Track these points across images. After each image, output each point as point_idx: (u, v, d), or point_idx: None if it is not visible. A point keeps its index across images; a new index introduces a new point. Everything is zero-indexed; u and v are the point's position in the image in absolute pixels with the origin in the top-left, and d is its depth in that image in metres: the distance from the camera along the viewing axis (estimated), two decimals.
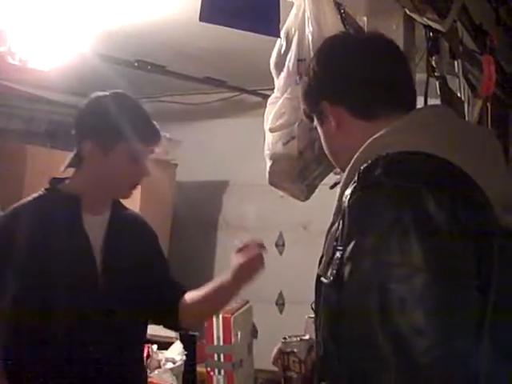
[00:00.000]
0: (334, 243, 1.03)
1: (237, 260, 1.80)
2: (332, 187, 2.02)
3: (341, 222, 1.02)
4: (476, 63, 2.32)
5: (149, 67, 3.39)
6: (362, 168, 1.02)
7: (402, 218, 0.92)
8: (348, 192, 1.02)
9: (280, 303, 4.18)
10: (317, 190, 1.93)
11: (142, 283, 1.80)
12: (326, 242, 1.10)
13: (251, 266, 1.79)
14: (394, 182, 0.96)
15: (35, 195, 1.78)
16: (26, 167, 3.34)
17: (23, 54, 2.49)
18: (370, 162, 1.02)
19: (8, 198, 2.82)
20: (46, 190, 1.79)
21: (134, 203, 2.99)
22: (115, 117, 1.73)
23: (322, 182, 1.94)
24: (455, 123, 1.17)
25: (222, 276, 1.84)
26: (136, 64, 3.32)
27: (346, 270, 0.97)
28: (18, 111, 3.57)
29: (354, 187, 1.01)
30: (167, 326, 2.06)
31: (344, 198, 1.02)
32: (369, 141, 1.08)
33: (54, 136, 3.67)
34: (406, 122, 1.11)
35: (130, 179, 1.77)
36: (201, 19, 1.34)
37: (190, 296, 1.88)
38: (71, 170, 1.83)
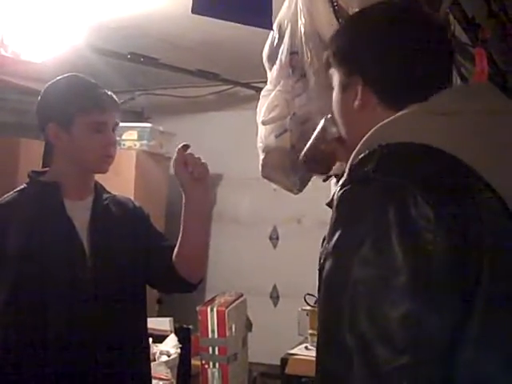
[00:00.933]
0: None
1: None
2: (325, 180, 2.03)
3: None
4: (468, 56, 2.33)
5: (141, 59, 3.39)
6: (357, 159, 0.99)
7: (385, 218, 0.89)
8: (340, 183, 0.99)
9: (274, 296, 4.19)
10: (310, 184, 1.94)
11: (135, 259, 1.81)
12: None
13: (188, 166, 1.74)
14: (382, 178, 0.93)
15: (17, 189, 1.81)
16: (19, 160, 3.34)
17: (16, 47, 2.48)
18: (367, 152, 0.98)
19: (1, 190, 2.81)
20: (26, 183, 1.82)
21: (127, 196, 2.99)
22: (65, 94, 1.77)
23: (316, 176, 1.94)
24: (489, 107, 1.02)
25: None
26: (129, 56, 3.31)
27: (326, 265, 0.95)
28: (10, 104, 3.56)
29: (345, 180, 0.98)
30: (172, 287, 2.00)
31: (336, 189, 0.99)
32: (373, 129, 1.02)
33: None
34: (419, 109, 1.02)
35: (98, 151, 1.77)
36: (193, 11, 1.34)
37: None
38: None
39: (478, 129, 0.99)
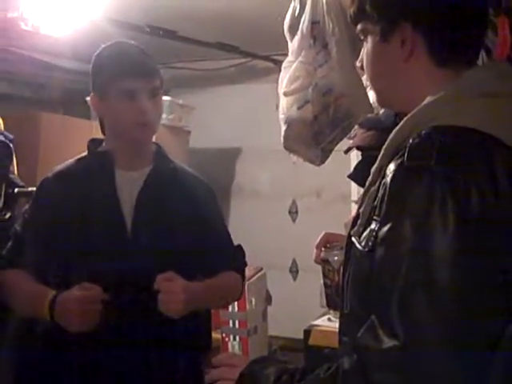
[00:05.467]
0: (371, 212, 0.99)
1: None
2: (346, 152, 2.02)
3: (381, 193, 0.96)
4: (491, 26, 2.28)
5: (160, 32, 3.37)
6: (411, 143, 0.94)
7: (445, 211, 0.87)
8: (392, 167, 0.95)
9: (293, 270, 4.20)
10: (330, 156, 1.92)
11: (184, 245, 1.69)
12: (362, 202, 1.05)
13: None
14: (444, 170, 0.89)
15: (77, 157, 1.80)
16: (40, 134, 3.35)
17: (35, 20, 2.48)
18: (422, 136, 0.94)
19: (23, 163, 2.83)
20: (87, 152, 1.79)
21: None
22: (100, 64, 1.73)
23: (336, 148, 1.93)
24: None
25: None
26: (147, 29, 3.29)
27: (378, 252, 0.94)
28: (30, 78, 3.57)
29: (400, 164, 0.94)
30: None
31: (387, 171, 0.96)
32: (422, 105, 0.99)
33: (67, 103, 3.69)
34: (465, 87, 0.99)
35: (129, 119, 1.68)
36: None
37: None
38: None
39: None
